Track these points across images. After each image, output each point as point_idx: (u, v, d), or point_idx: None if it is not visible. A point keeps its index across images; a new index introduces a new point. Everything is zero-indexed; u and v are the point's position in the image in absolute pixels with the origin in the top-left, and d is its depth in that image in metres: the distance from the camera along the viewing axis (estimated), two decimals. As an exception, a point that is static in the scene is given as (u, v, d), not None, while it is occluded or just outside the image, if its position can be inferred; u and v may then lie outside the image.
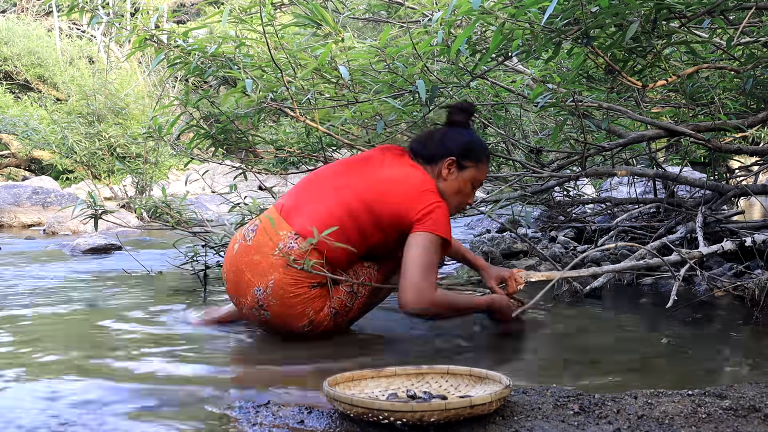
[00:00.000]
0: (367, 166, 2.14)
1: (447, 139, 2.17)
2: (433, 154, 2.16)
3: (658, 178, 3.67)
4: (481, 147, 2.19)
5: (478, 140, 2.21)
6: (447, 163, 2.13)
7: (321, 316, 2.06)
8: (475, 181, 2.18)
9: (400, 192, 2.05)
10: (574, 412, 1.35)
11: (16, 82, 15.56)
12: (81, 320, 2.49)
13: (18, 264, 4.00)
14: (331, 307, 2.08)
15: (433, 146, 2.17)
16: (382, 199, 2.04)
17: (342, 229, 2.00)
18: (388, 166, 2.13)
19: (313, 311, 2.04)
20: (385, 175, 2.09)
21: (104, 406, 1.47)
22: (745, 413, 1.32)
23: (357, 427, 1.31)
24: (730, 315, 2.40)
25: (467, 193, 2.18)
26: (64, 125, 8.65)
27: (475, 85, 3.12)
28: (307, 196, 2.12)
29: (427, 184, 2.08)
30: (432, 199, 2.04)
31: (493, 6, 2.10)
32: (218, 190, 10.37)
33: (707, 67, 2.51)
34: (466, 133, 2.20)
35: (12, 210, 7.20)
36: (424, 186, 2.06)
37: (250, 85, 2.41)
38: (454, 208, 2.19)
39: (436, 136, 2.19)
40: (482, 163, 2.18)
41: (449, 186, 2.15)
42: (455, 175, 2.14)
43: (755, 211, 6.00)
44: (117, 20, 2.87)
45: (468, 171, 2.15)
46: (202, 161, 3.53)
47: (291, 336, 2.10)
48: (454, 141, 2.16)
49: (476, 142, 2.19)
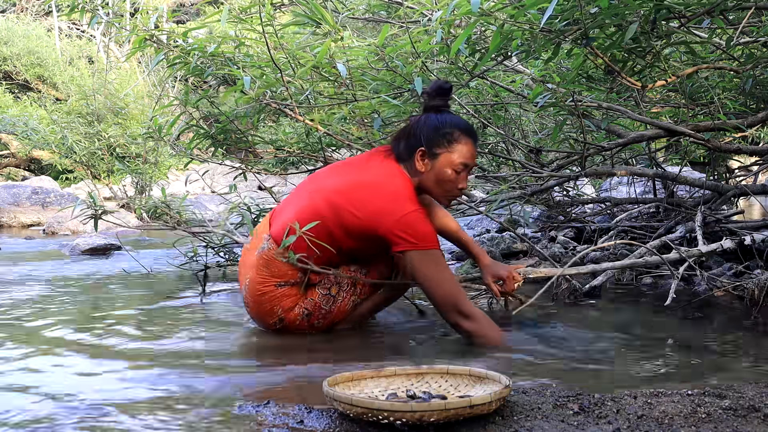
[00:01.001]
0: (348, 170, 2.09)
1: (414, 129, 2.05)
2: (406, 149, 2.05)
3: (657, 178, 3.67)
4: (452, 127, 2.02)
5: (448, 121, 2.03)
6: (418, 155, 2.02)
7: (291, 315, 2.11)
8: (454, 165, 2.01)
9: (369, 200, 1.98)
10: (573, 412, 1.35)
11: (15, 82, 15.55)
12: (80, 320, 2.49)
13: (18, 264, 4.00)
14: (304, 307, 2.10)
15: (404, 141, 2.07)
16: (350, 205, 1.99)
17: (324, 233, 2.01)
18: (367, 169, 2.06)
19: (281, 309, 2.10)
20: (358, 180, 2.03)
21: (102, 406, 1.47)
22: (745, 413, 1.32)
23: (357, 427, 1.31)
24: (730, 315, 2.40)
25: (450, 179, 2.02)
26: (64, 125, 8.65)
27: (475, 85, 3.12)
28: (290, 198, 2.16)
29: (402, 189, 1.99)
30: (402, 209, 1.95)
31: (493, 7, 2.11)
32: (218, 190, 10.36)
33: (707, 67, 2.51)
34: (434, 118, 2.03)
35: (11, 210, 7.20)
36: (397, 193, 1.97)
37: (248, 82, 2.41)
38: (442, 198, 2.09)
39: (407, 130, 2.08)
40: (457, 143, 2.01)
41: (427, 178, 2.04)
42: (429, 165, 2.02)
43: (755, 211, 6.00)
44: (117, 20, 2.87)
45: (442, 157, 2.01)
46: (202, 161, 3.53)
47: (291, 336, 2.11)
48: (421, 129, 2.03)
49: (445, 124, 2.02)
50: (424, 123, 2.04)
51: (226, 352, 2.07)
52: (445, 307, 1.99)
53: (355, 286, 2.14)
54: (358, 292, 2.15)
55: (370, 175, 2.04)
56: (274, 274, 2.07)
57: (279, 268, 2.07)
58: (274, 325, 2.14)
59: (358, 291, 2.15)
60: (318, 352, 2.00)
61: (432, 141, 2.02)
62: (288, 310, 2.10)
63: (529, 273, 2.26)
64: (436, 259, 1.97)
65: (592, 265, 2.42)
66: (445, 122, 2.03)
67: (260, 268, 2.09)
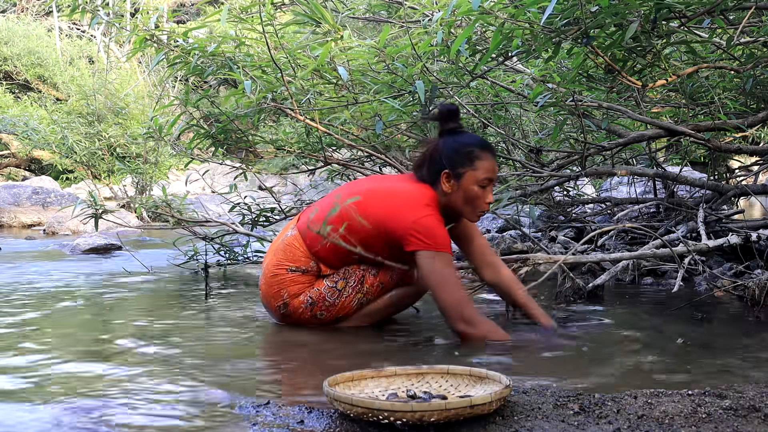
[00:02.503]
0: (380, 180, 2.28)
1: (435, 154, 2.15)
2: (430, 174, 2.15)
3: (658, 178, 3.67)
4: (471, 146, 2.12)
5: (465, 140, 2.14)
6: (443, 178, 2.11)
7: (296, 301, 2.18)
8: (480, 181, 2.10)
9: (391, 203, 2.10)
10: (574, 412, 1.35)
11: (16, 82, 15.56)
12: (80, 319, 2.49)
13: (18, 264, 4.00)
14: (308, 296, 2.17)
15: (427, 167, 2.16)
16: (375, 201, 2.10)
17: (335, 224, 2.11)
18: (398, 181, 2.21)
19: (287, 294, 2.19)
20: (386, 186, 2.18)
21: (102, 405, 1.47)
22: (745, 413, 1.32)
23: (357, 427, 1.31)
24: (731, 314, 2.40)
25: (478, 195, 2.11)
26: (64, 125, 8.65)
27: (475, 85, 3.12)
28: (320, 201, 2.32)
29: (422, 197, 2.09)
30: (420, 213, 2.05)
31: (493, 6, 2.11)
32: (218, 190, 10.37)
33: (707, 66, 2.51)
34: (451, 140, 2.14)
35: (12, 210, 7.20)
36: (417, 199, 2.08)
37: (249, 86, 2.41)
38: (471, 215, 2.16)
39: (427, 155, 2.18)
40: (479, 160, 2.10)
41: (456, 198, 2.12)
42: (456, 185, 2.11)
43: (755, 211, 6.00)
44: (117, 20, 2.87)
45: (466, 176, 2.10)
46: (203, 161, 3.53)
47: (291, 335, 2.11)
48: (442, 153, 2.13)
49: (463, 144, 2.12)
50: (443, 146, 2.15)
51: (227, 351, 2.07)
52: (450, 312, 2.03)
53: (363, 285, 2.17)
54: (365, 291, 2.18)
55: (399, 185, 2.19)
56: (289, 258, 2.19)
57: (294, 254, 2.19)
58: (279, 309, 2.21)
59: (364, 290, 2.18)
60: (318, 352, 2.00)
61: (454, 162, 2.11)
62: (293, 295, 2.18)
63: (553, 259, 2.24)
64: (445, 263, 2.03)
65: (600, 254, 2.42)
66: (464, 142, 2.13)
67: (278, 251, 2.23)
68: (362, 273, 2.17)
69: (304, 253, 2.18)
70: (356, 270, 2.18)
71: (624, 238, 3.46)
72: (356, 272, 2.17)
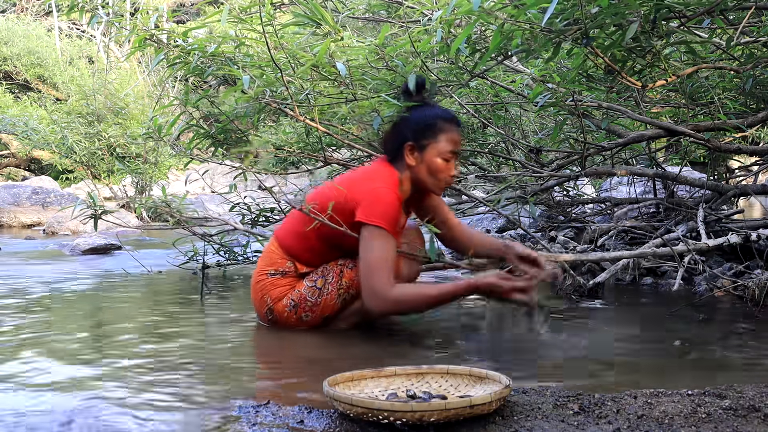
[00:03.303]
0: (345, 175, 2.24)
1: (399, 127, 2.15)
2: (395, 148, 2.15)
3: (657, 178, 3.67)
4: (434, 118, 2.11)
5: (429, 113, 2.13)
6: (407, 150, 2.11)
7: (279, 306, 2.18)
8: (443, 153, 2.09)
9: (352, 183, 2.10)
10: (573, 412, 1.35)
11: (15, 82, 15.55)
12: (80, 319, 2.49)
13: (18, 264, 4.00)
14: (290, 298, 2.17)
15: (391, 141, 2.16)
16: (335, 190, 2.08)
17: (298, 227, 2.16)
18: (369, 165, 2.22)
19: (270, 299, 2.18)
20: (345, 176, 2.18)
21: (102, 405, 1.47)
22: (745, 413, 1.32)
23: (357, 427, 1.31)
24: (731, 314, 2.40)
25: (441, 168, 2.10)
26: (64, 125, 8.65)
27: (475, 84, 3.12)
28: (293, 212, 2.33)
29: (378, 173, 2.09)
30: (373, 185, 2.04)
31: (493, 6, 2.11)
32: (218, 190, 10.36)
33: (707, 66, 2.51)
34: (416, 113, 2.13)
35: (12, 210, 7.20)
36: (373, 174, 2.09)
37: (247, 81, 2.41)
38: (436, 188, 2.15)
39: (391, 129, 2.19)
40: (442, 132, 2.09)
41: (419, 171, 2.11)
42: (419, 158, 2.10)
43: (755, 211, 6.00)
44: (117, 20, 2.87)
45: (430, 148, 2.09)
46: (202, 161, 3.53)
47: (290, 335, 2.11)
48: (405, 125, 2.13)
49: (427, 116, 2.11)
50: (407, 119, 2.15)
51: (226, 351, 2.07)
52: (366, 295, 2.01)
53: (342, 279, 2.13)
54: (345, 286, 2.14)
55: (358, 171, 2.21)
56: (267, 263, 2.21)
57: (271, 258, 2.21)
58: (266, 316, 2.21)
59: (345, 285, 2.14)
60: (318, 352, 2.00)
61: (418, 134, 2.11)
62: (276, 300, 2.18)
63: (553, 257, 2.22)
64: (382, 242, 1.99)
65: (600, 253, 2.42)
66: (428, 115, 2.12)
67: (260, 260, 2.25)
68: (340, 268, 2.14)
69: (279, 255, 2.19)
70: (333, 266, 2.15)
71: (624, 238, 3.46)
72: (334, 268, 2.15)
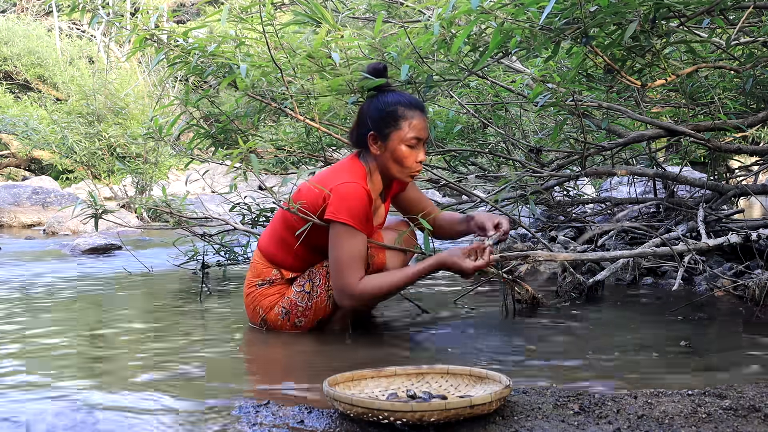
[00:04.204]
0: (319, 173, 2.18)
1: (361, 116, 2.11)
2: (359, 138, 2.11)
3: (658, 178, 3.67)
4: (395, 104, 2.06)
5: (390, 99, 2.07)
6: (370, 140, 2.07)
7: (272, 314, 2.17)
8: (406, 140, 2.04)
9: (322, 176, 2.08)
10: (574, 412, 1.35)
11: (16, 82, 15.55)
12: (80, 319, 2.49)
13: (18, 264, 4.00)
14: (281, 306, 2.15)
15: (356, 131, 2.13)
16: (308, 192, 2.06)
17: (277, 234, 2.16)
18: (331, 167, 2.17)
19: (262, 309, 2.18)
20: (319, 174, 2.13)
21: (102, 404, 1.47)
22: (745, 413, 1.32)
23: (357, 427, 1.31)
24: (731, 314, 2.40)
25: (405, 156, 2.05)
26: (64, 125, 8.64)
27: (475, 84, 3.12)
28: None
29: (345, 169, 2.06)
30: (339, 180, 2.00)
31: (493, 5, 2.10)
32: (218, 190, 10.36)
33: (707, 66, 2.51)
34: (377, 100, 2.09)
35: (12, 210, 7.20)
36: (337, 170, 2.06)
37: (245, 69, 2.41)
38: (402, 176, 2.11)
39: (356, 120, 2.15)
40: (404, 119, 2.04)
41: (384, 159, 2.07)
42: (383, 146, 2.06)
43: (755, 211, 6.00)
44: (117, 20, 2.87)
45: (393, 136, 2.04)
46: (202, 161, 3.53)
47: (290, 336, 2.11)
48: (367, 114, 2.09)
49: (387, 104, 2.06)
50: (368, 108, 2.10)
51: (226, 351, 2.07)
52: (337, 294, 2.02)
53: (329, 281, 2.10)
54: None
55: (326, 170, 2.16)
56: (254, 274, 2.20)
57: (256, 269, 2.20)
58: (261, 325, 2.21)
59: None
60: (318, 352, 2.00)
61: (379, 122, 2.06)
62: (268, 309, 2.17)
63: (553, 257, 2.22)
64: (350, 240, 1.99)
65: (600, 252, 2.41)
66: (388, 101, 2.07)
67: (248, 272, 2.25)
68: (326, 270, 2.11)
69: (264, 264, 2.18)
70: (319, 269, 2.13)
71: (624, 238, 3.45)
72: (320, 270, 2.13)
